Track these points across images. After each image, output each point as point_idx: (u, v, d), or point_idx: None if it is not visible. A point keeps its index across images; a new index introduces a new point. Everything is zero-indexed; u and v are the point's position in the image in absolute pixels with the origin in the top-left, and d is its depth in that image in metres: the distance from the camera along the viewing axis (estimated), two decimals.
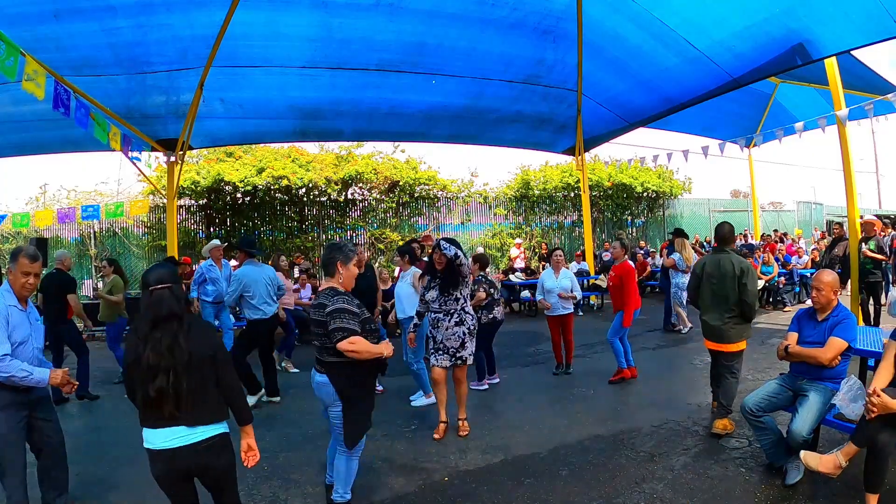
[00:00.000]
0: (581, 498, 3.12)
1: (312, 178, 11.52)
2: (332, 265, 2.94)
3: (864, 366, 4.11)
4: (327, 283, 2.96)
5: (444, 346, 4.11)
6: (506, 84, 7.43)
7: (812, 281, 3.37)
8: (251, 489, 3.39)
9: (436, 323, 4.18)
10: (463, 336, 4.10)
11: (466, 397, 4.33)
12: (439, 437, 4.10)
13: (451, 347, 4.09)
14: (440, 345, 4.14)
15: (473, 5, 5.75)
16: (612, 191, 14.36)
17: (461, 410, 4.28)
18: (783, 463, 3.17)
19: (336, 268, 2.92)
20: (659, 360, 6.46)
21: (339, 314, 2.75)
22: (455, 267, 4.03)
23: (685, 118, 9.28)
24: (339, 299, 2.81)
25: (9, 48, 3.92)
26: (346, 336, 2.71)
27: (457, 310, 4.10)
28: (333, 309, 2.76)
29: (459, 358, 4.11)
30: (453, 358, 4.10)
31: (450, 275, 4.08)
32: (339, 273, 2.93)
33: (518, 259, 11.76)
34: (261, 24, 5.72)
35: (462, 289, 4.12)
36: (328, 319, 2.75)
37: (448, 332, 4.09)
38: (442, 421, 4.23)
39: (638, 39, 6.20)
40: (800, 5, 4.89)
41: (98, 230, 11.41)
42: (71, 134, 6.87)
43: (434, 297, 4.17)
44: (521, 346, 7.48)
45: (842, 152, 6.56)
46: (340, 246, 3.03)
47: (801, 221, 19.51)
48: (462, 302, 4.12)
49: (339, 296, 2.84)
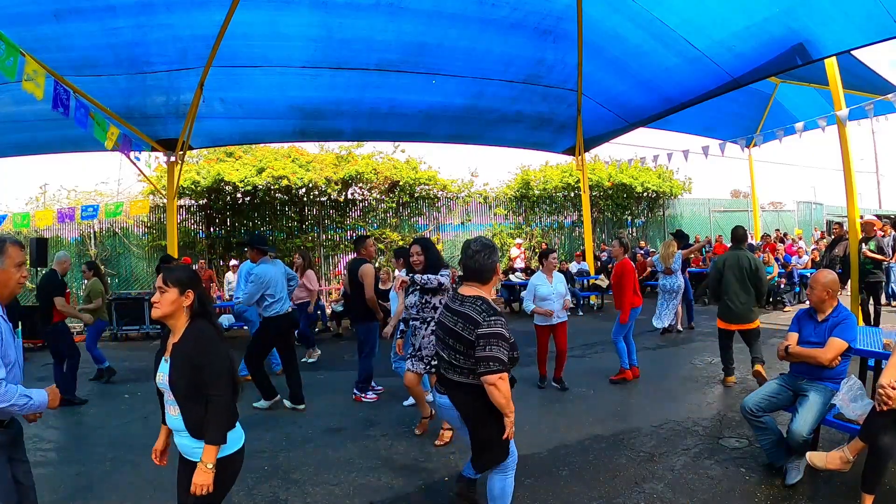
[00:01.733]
0: (581, 498, 3.12)
1: (312, 178, 11.53)
2: (489, 272, 2.48)
3: (864, 366, 4.11)
4: (476, 291, 2.49)
5: (420, 354, 4.00)
6: (506, 84, 7.43)
7: (811, 281, 3.38)
8: (251, 489, 3.39)
9: (413, 330, 4.09)
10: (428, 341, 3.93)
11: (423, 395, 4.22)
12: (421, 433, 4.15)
13: (427, 356, 3.96)
14: (416, 352, 4.03)
15: (473, 5, 5.75)
16: (612, 191, 14.36)
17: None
18: (783, 463, 3.17)
19: (494, 274, 2.49)
20: (659, 360, 6.46)
21: (496, 340, 2.32)
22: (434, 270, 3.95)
23: (685, 118, 9.28)
24: (497, 321, 2.35)
25: (9, 48, 3.92)
26: (498, 371, 2.29)
27: (434, 318, 3.84)
28: (490, 332, 2.32)
29: (434, 366, 3.77)
30: (428, 366, 3.96)
31: None
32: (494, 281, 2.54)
33: (518, 259, 11.76)
34: (261, 24, 5.72)
35: (441, 297, 3.96)
36: (480, 343, 2.33)
37: (424, 340, 3.98)
38: (424, 417, 4.24)
39: (638, 39, 6.20)
40: (800, 5, 4.89)
41: (98, 230, 11.41)
42: (71, 134, 6.88)
43: (413, 302, 4.07)
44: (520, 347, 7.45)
45: (842, 152, 6.57)
46: (494, 246, 2.56)
47: (801, 221, 19.50)
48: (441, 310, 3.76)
49: (495, 316, 2.37)
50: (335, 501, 3.21)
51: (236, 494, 3.31)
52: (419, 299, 4.04)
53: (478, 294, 2.47)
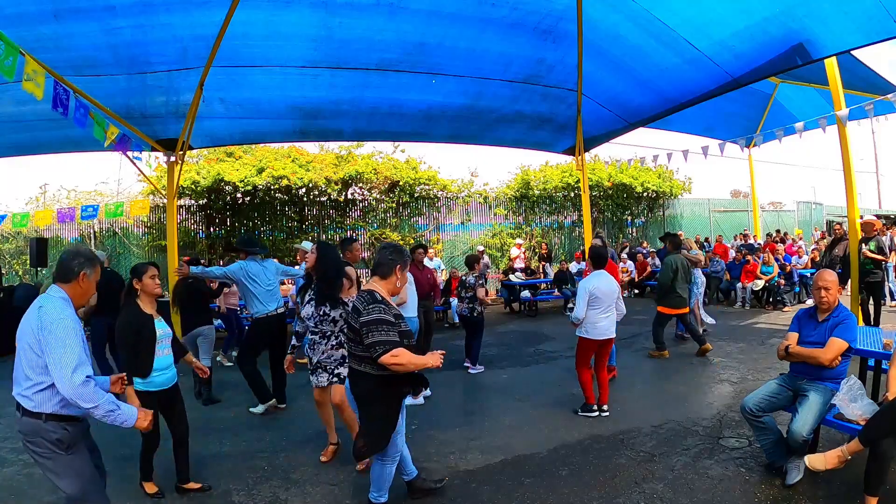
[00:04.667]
0: (581, 498, 3.12)
1: (312, 178, 11.52)
2: (390, 267, 2.77)
3: (864, 366, 4.11)
4: (373, 285, 2.77)
5: (323, 366, 3.63)
6: (506, 84, 7.42)
7: (818, 281, 3.29)
8: (251, 489, 3.39)
9: (312, 345, 3.64)
10: (340, 358, 3.62)
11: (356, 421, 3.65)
12: (327, 460, 3.77)
13: (330, 366, 3.62)
14: (317, 365, 3.65)
15: (473, 5, 5.74)
16: (612, 191, 14.35)
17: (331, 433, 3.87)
18: (783, 463, 3.17)
19: (394, 271, 2.78)
20: (659, 360, 6.46)
21: (374, 325, 2.56)
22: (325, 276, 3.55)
23: (685, 118, 9.27)
24: (376, 308, 2.61)
25: (8, 48, 3.92)
26: (387, 350, 2.51)
27: (334, 332, 3.58)
28: (368, 320, 2.57)
29: (337, 375, 3.60)
30: (332, 375, 3.61)
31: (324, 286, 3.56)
32: (395, 277, 2.78)
33: (518, 259, 11.76)
34: (261, 24, 5.71)
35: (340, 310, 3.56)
36: (363, 331, 2.58)
37: (324, 355, 3.60)
38: (331, 443, 3.86)
39: (638, 39, 6.19)
40: (800, 5, 4.88)
41: (98, 230, 11.41)
42: (71, 134, 6.87)
43: (309, 314, 3.62)
44: (521, 346, 7.48)
45: (842, 152, 6.57)
46: (401, 249, 2.87)
47: (801, 221, 19.50)
48: (341, 324, 3.54)
49: (375, 303, 2.64)
50: (335, 501, 3.22)
51: (236, 494, 3.31)
52: (315, 311, 3.59)
53: (371, 288, 2.76)
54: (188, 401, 5.21)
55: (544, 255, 12.61)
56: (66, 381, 2.08)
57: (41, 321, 2.14)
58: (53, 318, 2.15)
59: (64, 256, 2.34)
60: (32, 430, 2.17)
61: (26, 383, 2.16)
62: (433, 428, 4.33)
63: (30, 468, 3.78)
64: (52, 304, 2.20)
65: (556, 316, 10.25)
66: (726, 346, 6.88)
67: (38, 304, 2.21)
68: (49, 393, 2.15)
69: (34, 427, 2.17)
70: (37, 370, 2.14)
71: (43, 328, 2.12)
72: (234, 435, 4.40)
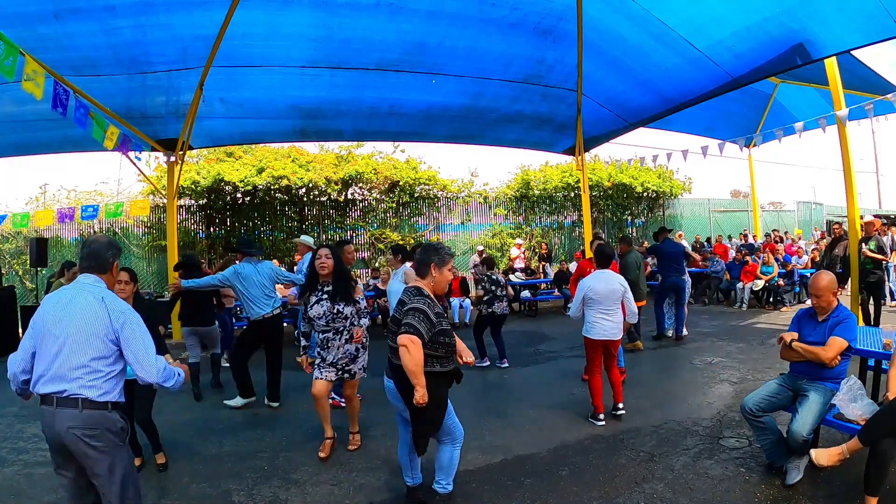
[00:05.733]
0: (581, 498, 3.12)
1: (312, 178, 11.52)
2: (425, 266, 2.89)
3: (864, 366, 4.11)
4: (415, 283, 2.90)
5: (334, 363, 3.75)
6: (506, 84, 7.43)
7: (810, 288, 3.35)
8: (251, 489, 3.39)
9: (325, 343, 3.72)
10: (355, 351, 3.79)
11: (358, 412, 4.03)
12: (325, 456, 3.79)
13: (341, 363, 3.75)
14: (326, 363, 3.75)
15: (473, 5, 5.75)
16: (612, 191, 14.35)
17: (353, 423, 4.02)
18: (783, 463, 3.17)
19: (430, 270, 2.88)
20: (659, 361, 6.46)
21: (412, 312, 2.69)
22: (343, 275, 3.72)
23: (685, 118, 9.28)
24: (421, 300, 2.76)
25: (8, 48, 3.92)
26: (408, 332, 2.62)
27: (346, 327, 3.72)
28: (409, 308, 2.72)
29: (348, 371, 3.78)
30: (341, 371, 3.75)
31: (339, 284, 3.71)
32: (431, 276, 2.89)
33: (518, 259, 11.76)
34: (261, 24, 5.72)
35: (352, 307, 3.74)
36: (403, 317, 2.71)
37: (339, 351, 3.73)
38: (328, 437, 3.89)
39: (638, 39, 6.20)
40: (800, 5, 4.89)
41: (98, 230, 11.41)
42: (71, 134, 6.88)
43: (321, 312, 3.68)
44: (521, 346, 7.47)
45: (842, 152, 6.57)
46: (437, 248, 2.97)
47: (801, 221, 19.50)
48: (352, 318, 3.74)
49: (421, 297, 2.79)
50: (335, 501, 3.21)
51: (236, 494, 3.32)
52: (329, 309, 3.69)
53: (415, 284, 2.89)
54: (188, 402, 5.24)
55: (544, 255, 12.61)
56: (153, 367, 2.20)
57: (115, 312, 2.19)
58: (124, 308, 2.24)
59: (97, 247, 2.35)
60: (96, 422, 2.11)
61: (91, 375, 2.12)
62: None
63: (30, 468, 3.78)
64: (111, 295, 2.27)
65: (556, 316, 10.25)
66: (726, 346, 6.88)
67: (99, 296, 2.21)
68: (116, 380, 2.20)
69: (99, 418, 2.12)
70: (109, 360, 2.17)
71: (119, 319, 2.19)
72: (234, 435, 4.40)
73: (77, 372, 2.10)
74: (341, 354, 3.73)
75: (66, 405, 2.08)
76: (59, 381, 2.10)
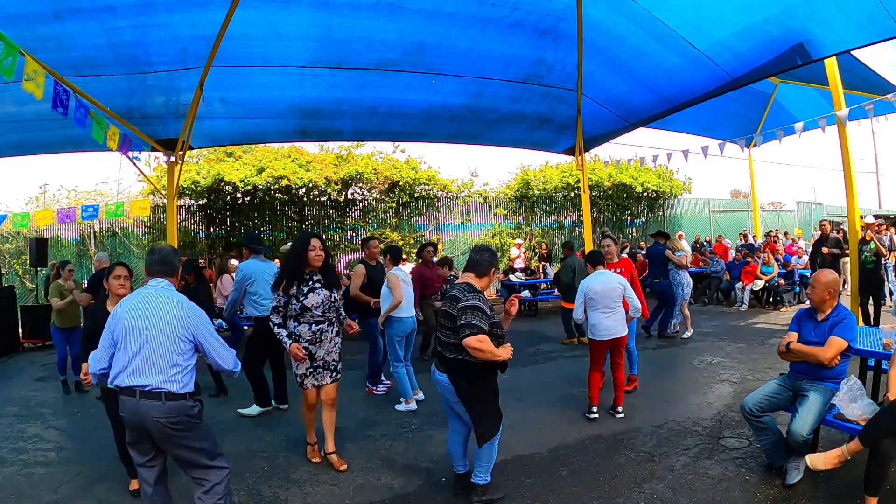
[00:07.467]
0: (581, 498, 3.12)
1: (312, 178, 11.52)
2: (487, 268, 3.00)
3: (864, 366, 4.11)
4: (466, 279, 3.00)
5: (326, 363, 3.59)
6: (506, 84, 7.42)
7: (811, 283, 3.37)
8: (251, 489, 3.39)
9: (319, 336, 3.53)
10: (340, 346, 3.70)
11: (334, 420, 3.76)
12: (320, 461, 3.75)
13: (333, 361, 3.63)
14: (320, 362, 3.56)
15: (473, 5, 5.74)
16: (612, 191, 14.35)
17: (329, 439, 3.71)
18: (783, 463, 3.17)
19: (490, 273, 3.01)
20: (659, 361, 6.46)
21: (472, 311, 2.76)
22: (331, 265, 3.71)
23: (685, 118, 9.27)
24: (475, 296, 2.83)
25: (7, 48, 3.91)
26: (474, 333, 2.71)
27: (336, 318, 3.67)
28: (467, 305, 2.78)
29: (339, 372, 3.69)
30: (334, 373, 3.64)
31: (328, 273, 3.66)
32: (489, 277, 3.01)
33: (518, 259, 11.76)
34: (261, 24, 5.71)
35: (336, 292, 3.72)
36: (459, 314, 2.77)
37: (331, 343, 3.60)
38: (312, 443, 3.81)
39: (638, 39, 6.19)
40: (800, 5, 4.88)
41: (98, 230, 11.41)
42: (71, 134, 6.87)
43: (319, 301, 3.52)
44: (521, 346, 7.48)
45: (842, 152, 6.57)
46: (493, 250, 3.11)
47: (801, 221, 19.50)
48: (338, 304, 3.70)
49: (475, 293, 2.87)
50: (335, 501, 3.21)
51: (237, 494, 3.31)
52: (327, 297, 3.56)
53: (467, 280, 2.97)
54: None
55: (544, 255, 12.61)
56: (230, 357, 2.58)
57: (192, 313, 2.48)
58: (195, 307, 2.53)
59: (166, 253, 2.65)
60: (177, 411, 2.36)
61: (174, 370, 2.38)
62: (433, 428, 4.33)
63: (30, 468, 3.79)
64: (181, 296, 2.55)
65: (556, 316, 10.23)
66: (726, 346, 6.88)
67: (173, 298, 2.50)
68: (192, 373, 2.48)
69: (179, 408, 2.37)
70: (186, 355, 2.44)
71: (193, 318, 2.47)
72: (234, 435, 4.40)
73: (164, 368, 2.36)
74: (332, 347, 3.62)
75: (150, 398, 2.33)
76: (142, 376, 2.34)
